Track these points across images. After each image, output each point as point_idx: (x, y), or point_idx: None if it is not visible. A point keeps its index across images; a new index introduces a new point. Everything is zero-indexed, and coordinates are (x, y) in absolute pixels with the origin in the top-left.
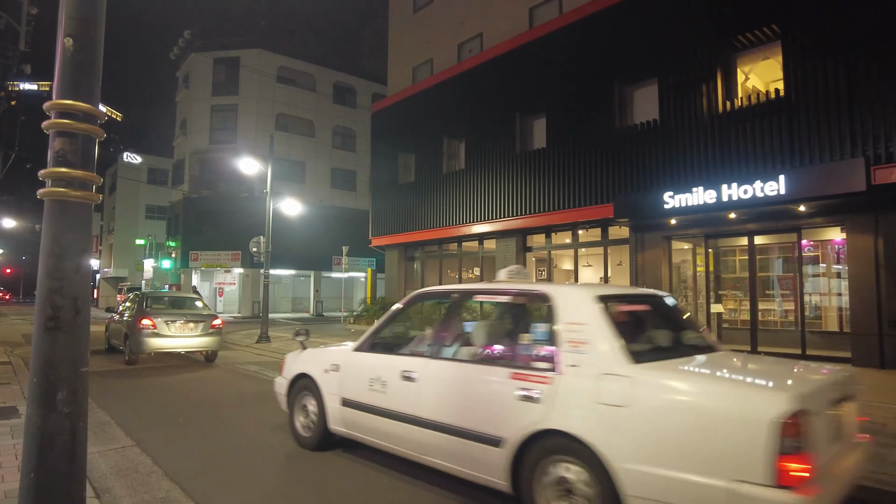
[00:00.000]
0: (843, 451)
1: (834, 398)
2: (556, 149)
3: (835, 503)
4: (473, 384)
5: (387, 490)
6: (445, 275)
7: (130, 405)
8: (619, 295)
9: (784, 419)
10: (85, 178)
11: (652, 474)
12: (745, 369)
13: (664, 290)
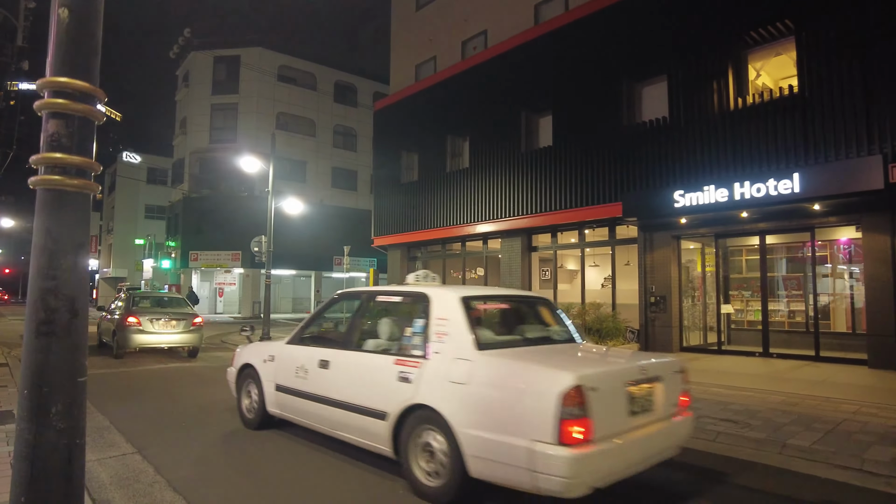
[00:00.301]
0: (651, 421)
1: (634, 379)
2: (562, 147)
3: (624, 458)
4: (369, 369)
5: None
6: (448, 275)
7: (127, 407)
8: (481, 296)
9: (565, 392)
10: (82, 164)
11: (480, 437)
12: (566, 356)
13: (674, 290)
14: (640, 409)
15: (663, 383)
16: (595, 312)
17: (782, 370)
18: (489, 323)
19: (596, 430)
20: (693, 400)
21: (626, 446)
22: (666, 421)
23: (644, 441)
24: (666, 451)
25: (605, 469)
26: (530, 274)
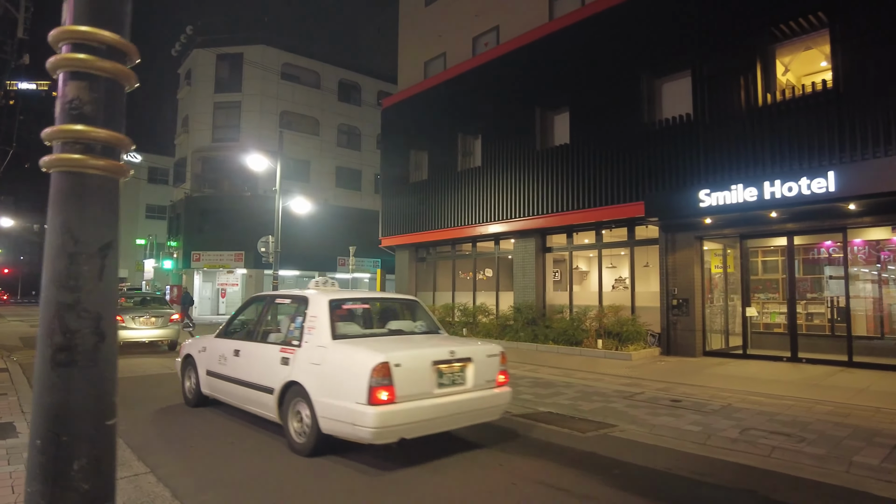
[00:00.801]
0: (461, 391)
1: (442, 360)
2: (579, 145)
3: (427, 416)
4: (264, 355)
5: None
6: (458, 276)
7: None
8: (348, 298)
9: (374, 367)
10: (110, 140)
11: (326, 402)
12: (399, 342)
13: (697, 292)
14: (450, 382)
15: (474, 364)
16: (615, 315)
17: (816, 376)
18: (362, 319)
19: (399, 394)
20: (733, 410)
21: (428, 407)
22: (479, 391)
23: (450, 405)
24: (482, 415)
25: (408, 423)
26: (544, 275)
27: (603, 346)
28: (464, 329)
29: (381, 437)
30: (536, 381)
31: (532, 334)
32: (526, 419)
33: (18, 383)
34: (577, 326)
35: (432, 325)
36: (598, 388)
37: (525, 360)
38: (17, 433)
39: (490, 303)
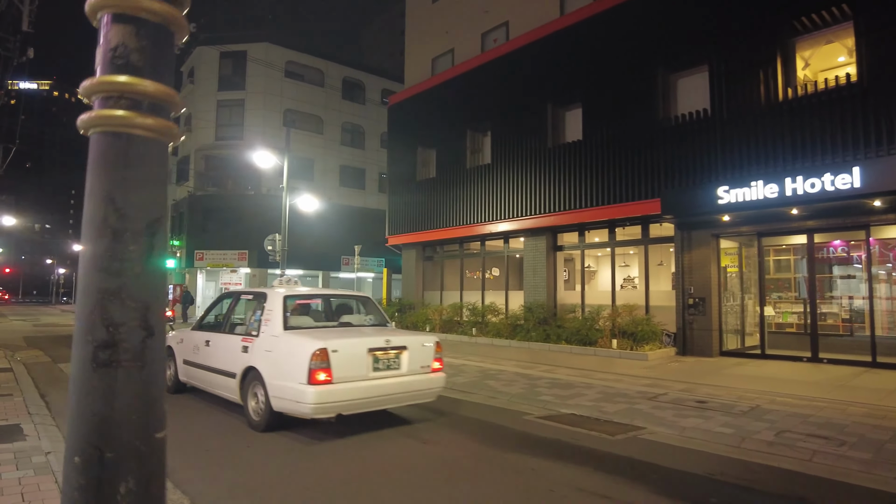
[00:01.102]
0: (396, 375)
1: (378, 347)
2: (592, 141)
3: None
4: (229, 344)
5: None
6: (466, 275)
7: None
8: (299, 295)
9: (313, 352)
10: (160, 94)
11: (277, 384)
12: (342, 332)
13: (714, 291)
14: (385, 366)
15: (409, 351)
16: (629, 315)
17: (841, 377)
18: (314, 313)
19: (336, 376)
20: (763, 411)
21: (364, 388)
22: (413, 375)
23: (385, 386)
24: (417, 396)
25: (344, 401)
26: (555, 273)
27: (618, 346)
28: (473, 329)
29: (320, 413)
30: (554, 382)
31: (544, 334)
32: (549, 421)
33: (24, 384)
34: (590, 326)
35: (382, 319)
36: (619, 388)
37: (538, 360)
38: (25, 436)
39: (499, 302)
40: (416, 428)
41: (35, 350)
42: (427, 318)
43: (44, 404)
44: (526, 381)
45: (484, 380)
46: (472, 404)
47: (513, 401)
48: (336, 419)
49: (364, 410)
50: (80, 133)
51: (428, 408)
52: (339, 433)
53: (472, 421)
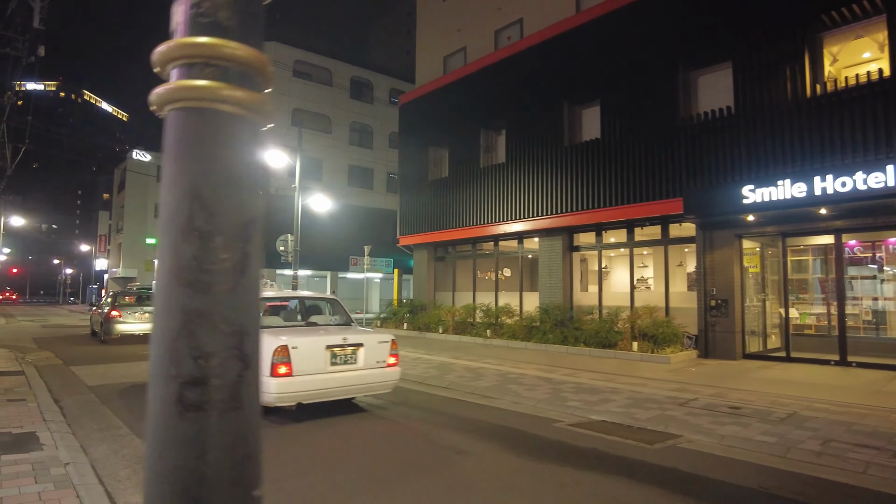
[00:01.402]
0: (353, 369)
1: (335, 344)
2: (610, 140)
3: (320, 387)
4: None
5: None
6: (479, 276)
7: None
8: (270, 297)
9: (276, 348)
10: (252, 61)
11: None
12: (307, 331)
13: (737, 292)
14: (342, 361)
15: (365, 348)
16: (649, 317)
17: (875, 381)
18: (290, 313)
19: (296, 369)
20: (802, 419)
21: (322, 380)
22: (370, 369)
23: (342, 379)
24: (373, 388)
25: (304, 391)
26: (571, 274)
27: (638, 348)
28: (487, 330)
29: (281, 401)
30: (579, 387)
31: (561, 336)
32: (581, 429)
33: (37, 388)
34: (609, 328)
35: (347, 319)
36: (647, 393)
37: (557, 363)
38: (42, 445)
39: (513, 303)
40: (447, 437)
41: (45, 352)
42: (439, 319)
43: (58, 410)
44: (549, 385)
45: (505, 384)
46: (497, 410)
47: (539, 407)
48: (296, 407)
49: (322, 400)
50: (154, 113)
51: (455, 415)
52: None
53: (502, 429)
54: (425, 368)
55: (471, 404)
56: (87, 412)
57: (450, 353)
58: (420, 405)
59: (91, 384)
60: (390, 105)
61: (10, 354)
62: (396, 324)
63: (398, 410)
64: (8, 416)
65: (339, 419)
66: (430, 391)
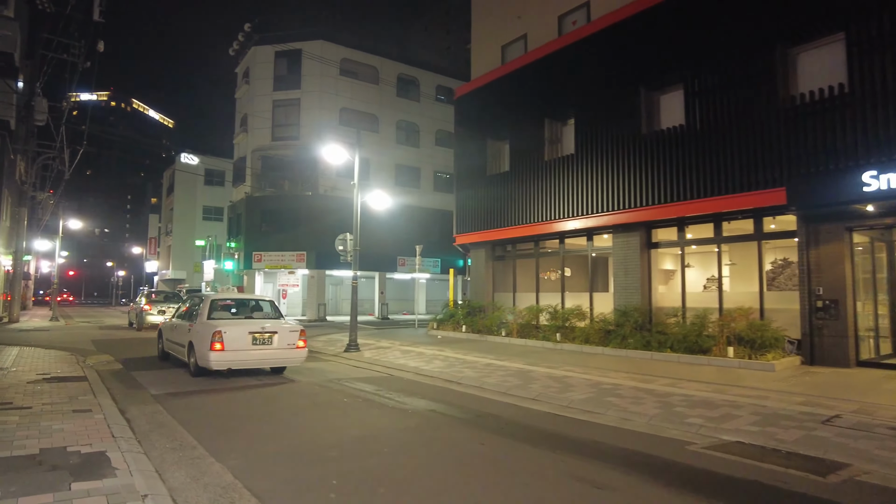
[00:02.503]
0: (270, 348)
1: (255, 331)
2: (696, 126)
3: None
4: (183, 328)
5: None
6: (542, 276)
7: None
8: (222, 298)
9: (213, 332)
10: None
11: (199, 351)
12: (241, 321)
13: (849, 293)
14: (261, 343)
15: (279, 334)
16: (745, 320)
17: None
18: (242, 309)
19: (227, 347)
20: None
21: (244, 354)
22: (282, 350)
23: (260, 354)
24: (284, 362)
25: (232, 361)
26: (650, 274)
27: (734, 354)
28: (557, 334)
29: (217, 366)
30: (689, 400)
31: (644, 341)
32: (720, 452)
33: (100, 396)
34: (698, 332)
35: (277, 315)
36: (773, 407)
37: (645, 370)
38: (114, 469)
39: (581, 305)
40: (574, 466)
41: (105, 355)
42: (501, 321)
43: (126, 423)
44: (653, 397)
45: (602, 396)
46: (609, 429)
47: (655, 424)
48: (227, 371)
49: (245, 367)
50: None
51: (564, 435)
52: None
53: (631, 455)
54: (503, 377)
55: (573, 421)
56: (155, 427)
57: (521, 359)
58: (518, 422)
59: (155, 392)
60: (437, 102)
61: (72, 358)
62: (454, 326)
63: (502, 429)
64: (75, 430)
65: (452, 440)
66: (519, 403)
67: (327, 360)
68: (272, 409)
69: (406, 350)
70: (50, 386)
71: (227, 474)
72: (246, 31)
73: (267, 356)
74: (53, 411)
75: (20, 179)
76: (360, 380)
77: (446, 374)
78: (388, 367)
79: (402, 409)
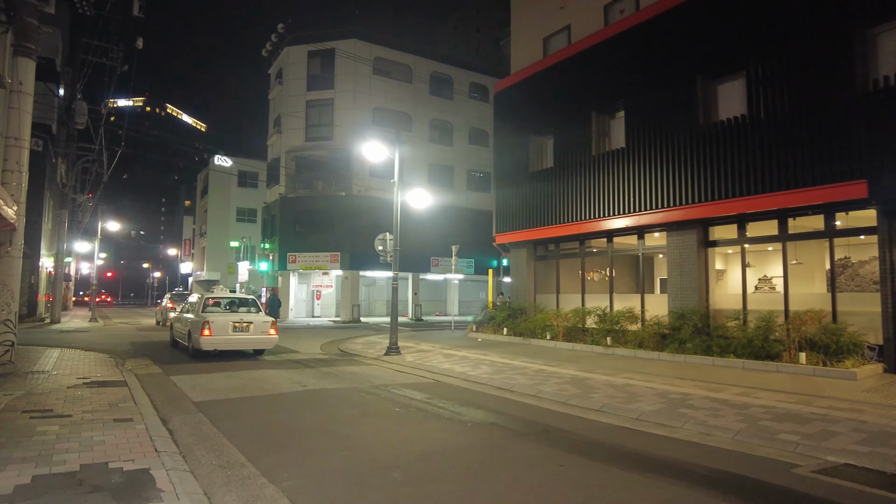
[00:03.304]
0: (247, 334)
1: (235, 322)
2: (759, 116)
3: (227, 341)
4: (185, 320)
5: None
6: (588, 277)
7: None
8: (214, 297)
9: (203, 322)
10: None
11: (194, 336)
12: (226, 314)
13: None
14: (240, 330)
15: (254, 325)
16: (817, 323)
17: None
18: (231, 304)
19: (213, 334)
20: None
21: (226, 338)
22: (257, 335)
23: (239, 339)
24: (259, 345)
25: (217, 344)
26: (707, 274)
27: (807, 360)
28: (607, 338)
29: (206, 347)
30: (773, 412)
31: (704, 346)
32: (833, 478)
33: (141, 403)
34: (764, 336)
35: (258, 310)
36: (875, 423)
37: (707, 377)
38: (160, 490)
39: (632, 307)
40: (673, 493)
41: (144, 358)
42: (546, 323)
43: (168, 435)
44: (731, 409)
45: (674, 407)
46: (692, 446)
47: (743, 441)
48: (214, 351)
49: (227, 349)
50: None
51: (646, 454)
52: None
53: (731, 478)
54: (559, 384)
55: (650, 436)
56: (200, 440)
57: (573, 365)
58: (591, 437)
59: (197, 399)
60: (470, 100)
61: (110, 360)
62: (494, 329)
63: (577, 446)
64: (117, 442)
65: (526, 459)
66: (584, 415)
67: (369, 363)
68: (321, 420)
69: (448, 354)
70: (90, 391)
71: (284, 499)
72: (279, 32)
73: (245, 340)
74: (94, 420)
75: (61, 182)
76: (407, 386)
77: (496, 381)
78: (434, 373)
79: (459, 421)
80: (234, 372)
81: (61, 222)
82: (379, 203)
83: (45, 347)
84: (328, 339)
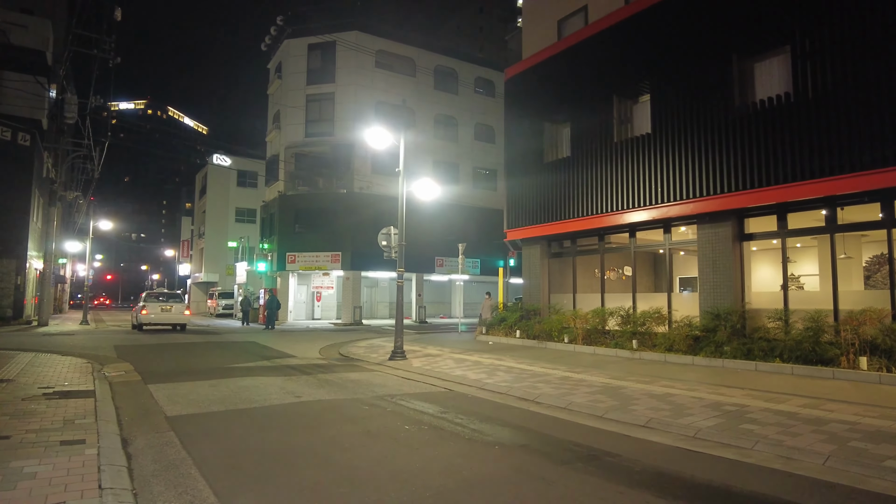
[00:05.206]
0: (170, 313)
1: (162, 307)
2: (804, 96)
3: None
4: (139, 308)
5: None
6: (607, 275)
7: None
8: (153, 293)
9: (141, 307)
10: None
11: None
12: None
13: None
14: (166, 311)
15: (174, 308)
16: (878, 323)
17: None
18: (168, 296)
19: (148, 312)
20: None
21: (155, 315)
22: (177, 314)
23: (164, 315)
24: (178, 321)
25: (149, 320)
26: (743, 270)
27: (867, 365)
28: (633, 341)
29: (143, 324)
30: (858, 430)
31: (744, 349)
32: None
33: (103, 419)
34: (814, 338)
35: (181, 301)
36: None
37: (756, 385)
38: None
39: (660, 307)
40: None
41: (124, 363)
42: (563, 325)
43: (124, 462)
44: (805, 425)
45: (733, 422)
46: (777, 475)
47: (837, 469)
48: None
49: (157, 323)
50: None
51: (721, 487)
52: None
53: None
54: (590, 394)
55: (719, 460)
56: (163, 468)
57: (600, 371)
58: (647, 463)
59: (172, 413)
60: (476, 94)
61: (87, 366)
62: (506, 331)
63: (636, 477)
64: (52, 475)
65: (578, 498)
66: (630, 433)
67: (372, 369)
68: (314, 441)
69: (459, 359)
70: (47, 404)
71: None
72: (278, 25)
73: (167, 318)
74: (37, 442)
75: (50, 178)
76: (415, 397)
77: (518, 391)
78: (445, 380)
79: (483, 443)
80: (221, 380)
81: (50, 220)
82: (381, 200)
83: (20, 352)
84: (328, 343)
